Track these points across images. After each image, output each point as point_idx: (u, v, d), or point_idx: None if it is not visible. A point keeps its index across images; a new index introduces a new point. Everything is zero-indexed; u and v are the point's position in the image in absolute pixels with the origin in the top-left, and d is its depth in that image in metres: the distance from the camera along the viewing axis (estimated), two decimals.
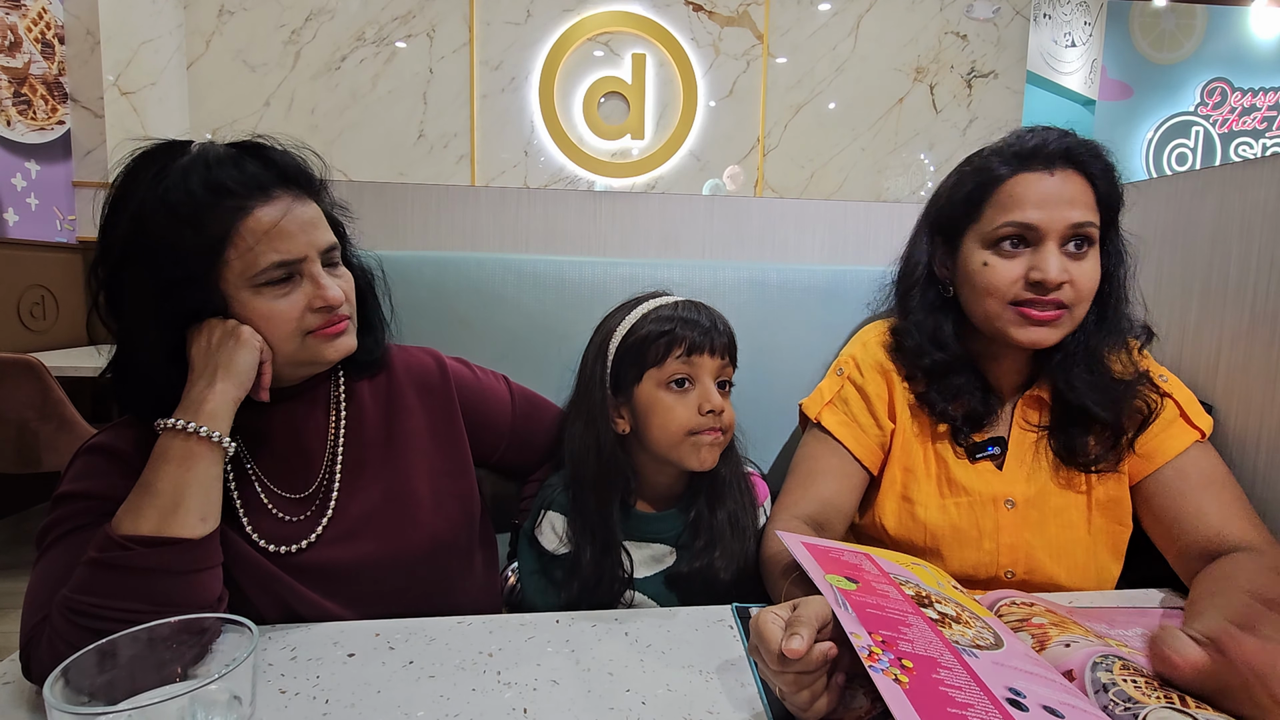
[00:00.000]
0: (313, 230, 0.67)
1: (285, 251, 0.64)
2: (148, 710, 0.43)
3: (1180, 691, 0.50)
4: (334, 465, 0.73)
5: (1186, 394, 0.81)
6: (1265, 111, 4.76)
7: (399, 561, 0.73)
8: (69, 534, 0.60)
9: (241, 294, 0.64)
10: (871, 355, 0.87)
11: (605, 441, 0.78)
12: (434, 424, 0.79)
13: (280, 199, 0.65)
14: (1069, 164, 0.75)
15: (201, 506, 0.60)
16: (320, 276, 0.67)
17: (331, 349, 0.69)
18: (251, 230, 0.63)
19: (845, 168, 3.62)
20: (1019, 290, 0.75)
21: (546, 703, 0.55)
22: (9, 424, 1.94)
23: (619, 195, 1.31)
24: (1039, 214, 0.74)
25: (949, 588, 0.64)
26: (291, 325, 0.66)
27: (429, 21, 3.35)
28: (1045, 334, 0.75)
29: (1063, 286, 0.73)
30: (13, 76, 2.64)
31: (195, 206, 0.61)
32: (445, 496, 0.77)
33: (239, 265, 0.63)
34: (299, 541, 0.69)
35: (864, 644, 0.47)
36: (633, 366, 0.78)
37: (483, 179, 3.47)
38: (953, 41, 3.57)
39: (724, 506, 0.80)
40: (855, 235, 1.32)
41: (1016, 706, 0.45)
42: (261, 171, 0.65)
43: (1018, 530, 0.79)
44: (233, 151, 0.66)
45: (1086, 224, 0.74)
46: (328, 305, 0.67)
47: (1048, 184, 0.74)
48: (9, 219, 2.65)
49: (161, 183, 0.62)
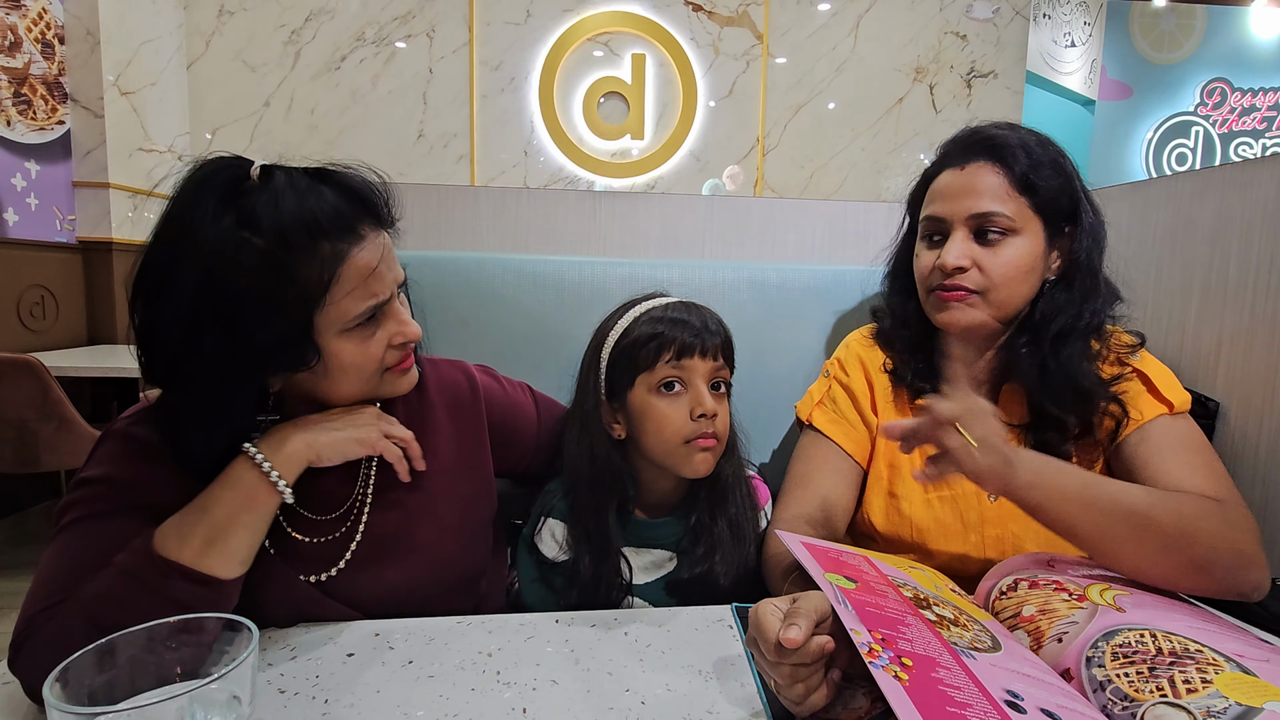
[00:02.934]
0: (394, 265, 0.64)
1: (379, 295, 0.62)
2: (148, 710, 0.43)
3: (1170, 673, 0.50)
4: (366, 488, 0.71)
5: (1158, 369, 0.80)
6: (1265, 111, 4.76)
7: (418, 585, 0.71)
8: (87, 519, 0.59)
9: (331, 341, 0.61)
10: (853, 354, 0.91)
11: (599, 447, 0.78)
12: (461, 444, 0.78)
13: (368, 236, 0.61)
14: (982, 156, 0.78)
15: (244, 550, 0.59)
16: (400, 312, 0.65)
17: (405, 382, 0.68)
18: (349, 277, 0.59)
19: (845, 168, 3.62)
20: (934, 278, 0.80)
21: (546, 703, 0.55)
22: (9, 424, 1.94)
23: (619, 195, 1.31)
24: (944, 206, 0.80)
25: (947, 591, 0.64)
26: (375, 365, 0.64)
27: (429, 21, 3.35)
28: (955, 315, 0.79)
29: (968, 272, 0.77)
30: (13, 76, 2.64)
31: (291, 250, 0.56)
32: (468, 516, 0.76)
33: (334, 311, 0.60)
34: (325, 571, 0.67)
35: (864, 640, 0.47)
36: (625, 371, 0.77)
37: (483, 179, 3.47)
38: (952, 41, 3.57)
39: (725, 512, 0.79)
40: (855, 235, 1.32)
41: (1014, 709, 0.45)
42: (349, 207, 0.61)
43: (1002, 522, 0.80)
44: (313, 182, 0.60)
45: (992, 213, 0.76)
46: (408, 341, 0.65)
47: (957, 178, 0.79)
48: (9, 219, 2.65)
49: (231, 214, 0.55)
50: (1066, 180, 0.78)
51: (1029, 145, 0.78)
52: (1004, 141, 0.77)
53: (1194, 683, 0.49)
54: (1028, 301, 0.80)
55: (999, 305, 0.78)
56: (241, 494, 0.58)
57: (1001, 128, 0.80)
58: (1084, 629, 0.57)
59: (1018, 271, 0.77)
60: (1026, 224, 0.77)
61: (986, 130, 0.80)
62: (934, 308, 0.82)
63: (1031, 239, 0.77)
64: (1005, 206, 0.77)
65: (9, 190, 2.65)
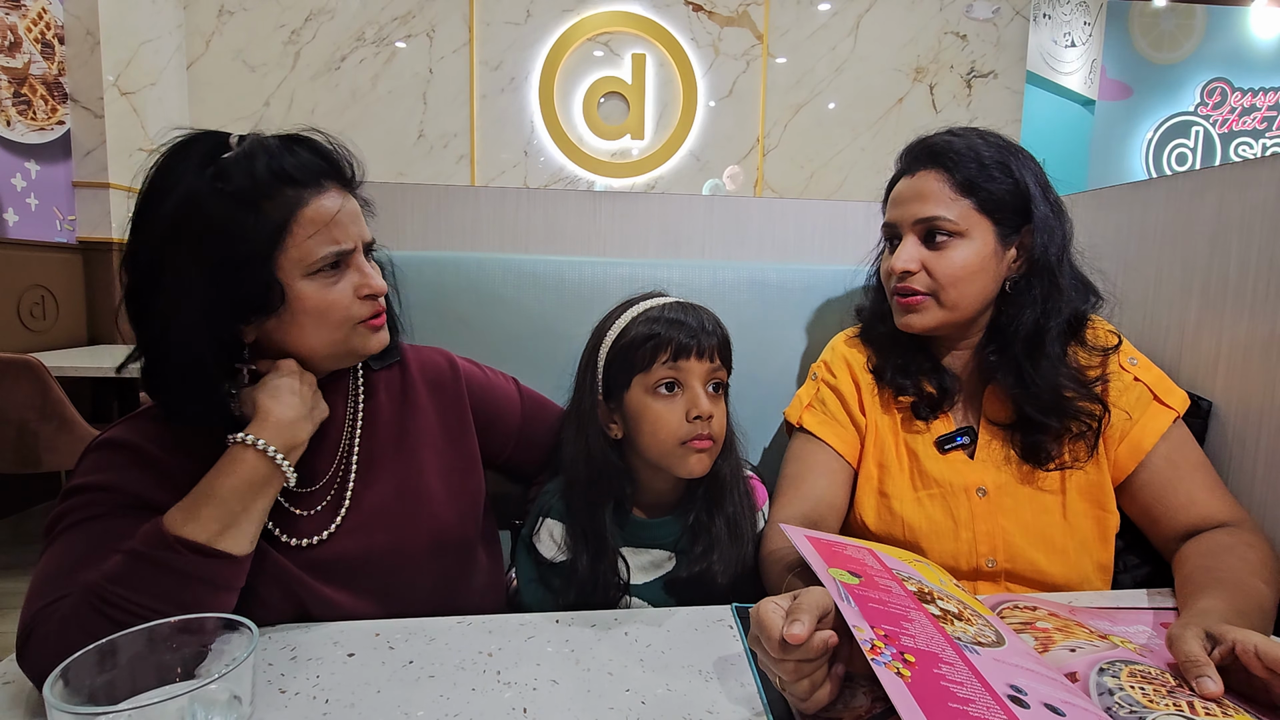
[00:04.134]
0: (359, 223, 0.70)
1: (341, 242, 0.66)
2: (148, 710, 0.43)
3: (1190, 698, 0.50)
4: (350, 458, 0.74)
5: (1156, 373, 0.83)
6: (1265, 111, 4.76)
7: (409, 554, 0.73)
8: (82, 523, 0.60)
9: (296, 282, 0.65)
10: (838, 355, 0.93)
11: (596, 447, 0.78)
12: (445, 421, 0.81)
13: (332, 190, 0.67)
14: (925, 163, 0.82)
15: (255, 528, 0.62)
16: (365, 266, 0.70)
17: (375, 340, 0.71)
18: (310, 219, 0.64)
19: (845, 168, 3.62)
20: (893, 282, 0.84)
21: (546, 702, 0.55)
22: (9, 424, 1.94)
23: (619, 195, 1.31)
24: (893, 212, 0.85)
25: (951, 585, 0.64)
26: (343, 313, 0.68)
27: (429, 21, 3.35)
28: (912, 318, 0.82)
29: (917, 274, 0.80)
30: (13, 76, 2.64)
31: (257, 193, 0.62)
32: (455, 492, 0.78)
33: (296, 254, 0.64)
34: (315, 535, 0.70)
35: (866, 637, 0.47)
36: (622, 372, 0.77)
37: (483, 179, 3.47)
38: (952, 41, 3.57)
39: (723, 511, 0.79)
40: (855, 235, 1.32)
41: (1018, 703, 0.45)
42: (316, 161, 0.67)
43: (992, 518, 0.80)
44: (287, 142, 0.67)
45: (936, 217, 0.79)
46: (374, 293, 0.69)
47: (904, 185, 0.84)
48: (9, 219, 2.65)
49: (210, 168, 0.62)
50: (1015, 181, 0.79)
51: (976, 149, 0.80)
52: (946, 148, 0.81)
53: (1214, 712, 0.48)
54: (986, 302, 0.82)
55: (952, 306, 0.81)
56: (249, 480, 0.61)
57: (954, 133, 0.83)
58: (1101, 651, 0.56)
59: (965, 272, 0.79)
60: (973, 226, 0.79)
61: (932, 139, 0.83)
62: (895, 311, 0.85)
63: (980, 240, 0.79)
64: (948, 210, 0.79)
65: (9, 190, 2.65)
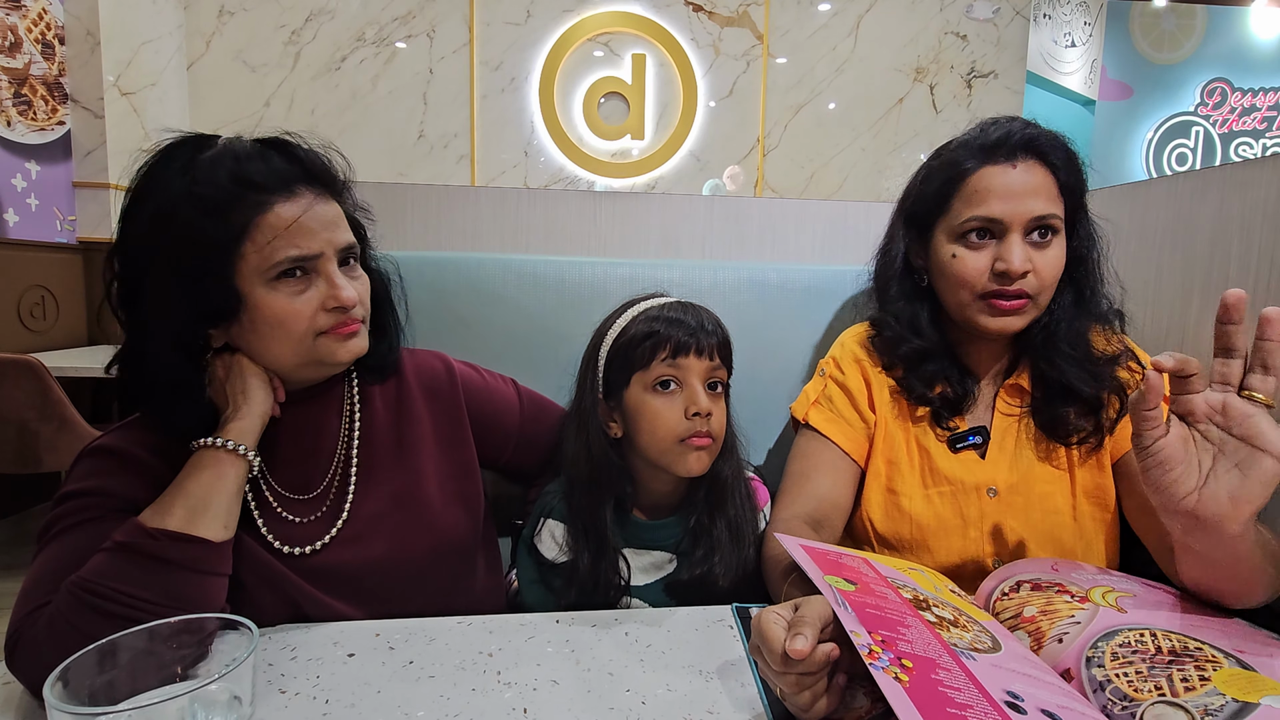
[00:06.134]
0: (332, 229, 0.67)
1: (302, 247, 0.64)
2: (148, 710, 0.43)
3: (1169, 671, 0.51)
4: (347, 467, 0.73)
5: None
6: (1265, 111, 4.76)
7: (406, 563, 0.73)
8: (74, 527, 0.60)
9: (257, 290, 0.64)
10: (848, 352, 0.90)
11: (596, 446, 0.78)
12: (441, 428, 0.80)
13: (302, 196, 0.65)
14: (1031, 155, 0.77)
15: (225, 514, 0.62)
16: (335, 276, 0.67)
17: (344, 350, 0.68)
18: (270, 224, 0.63)
19: (845, 168, 3.62)
20: (986, 281, 0.77)
21: (546, 703, 0.55)
22: (9, 424, 1.94)
23: (619, 195, 1.31)
24: (1002, 206, 0.76)
25: (946, 592, 0.64)
26: (304, 324, 0.66)
27: (429, 22, 3.35)
28: (1010, 321, 0.78)
29: (1026, 276, 0.76)
30: (13, 77, 2.64)
31: (219, 198, 0.62)
32: (452, 499, 0.78)
33: (255, 259, 0.63)
34: (311, 543, 0.70)
35: (864, 642, 0.47)
36: (622, 370, 0.78)
37: (483, 179, 3.47)
38: (953, 42, 3.57)
39: (724, 513, 0.79)
40: (855, 235, 1.32)
41: (1015, 710, 0.45)
42: (286, 167, 0.66)
43: (1001, 517, 0.80)
44: (259, 147, 0.67)
45: (1049, 215, 0.76)
46: (341, 306, 0.66)
47: (1010, 176, 0.76)
48: (9, 219, 2.65)
49: (188, 174, 0.62)
50: (1083, 176, 0.79)
51: (1059, 140, 0.78)
52: (1040, 138, 0.77)
53: (1191, 680, 0.50)
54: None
55: (1041, 306, 0.78)
56: (208, 468, 0.62)
57: (1030, 124, 0.78)
58: (1084, 629, 0.57)
59: (1059, 273, 0.78)
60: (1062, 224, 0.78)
61: (1029, 128, 0.78)
62: (981, 312, 0.78)
63: (1063, 238, 0.78)
64: (1057, 206, 0.76)
65: (9, 191, 2.65)
